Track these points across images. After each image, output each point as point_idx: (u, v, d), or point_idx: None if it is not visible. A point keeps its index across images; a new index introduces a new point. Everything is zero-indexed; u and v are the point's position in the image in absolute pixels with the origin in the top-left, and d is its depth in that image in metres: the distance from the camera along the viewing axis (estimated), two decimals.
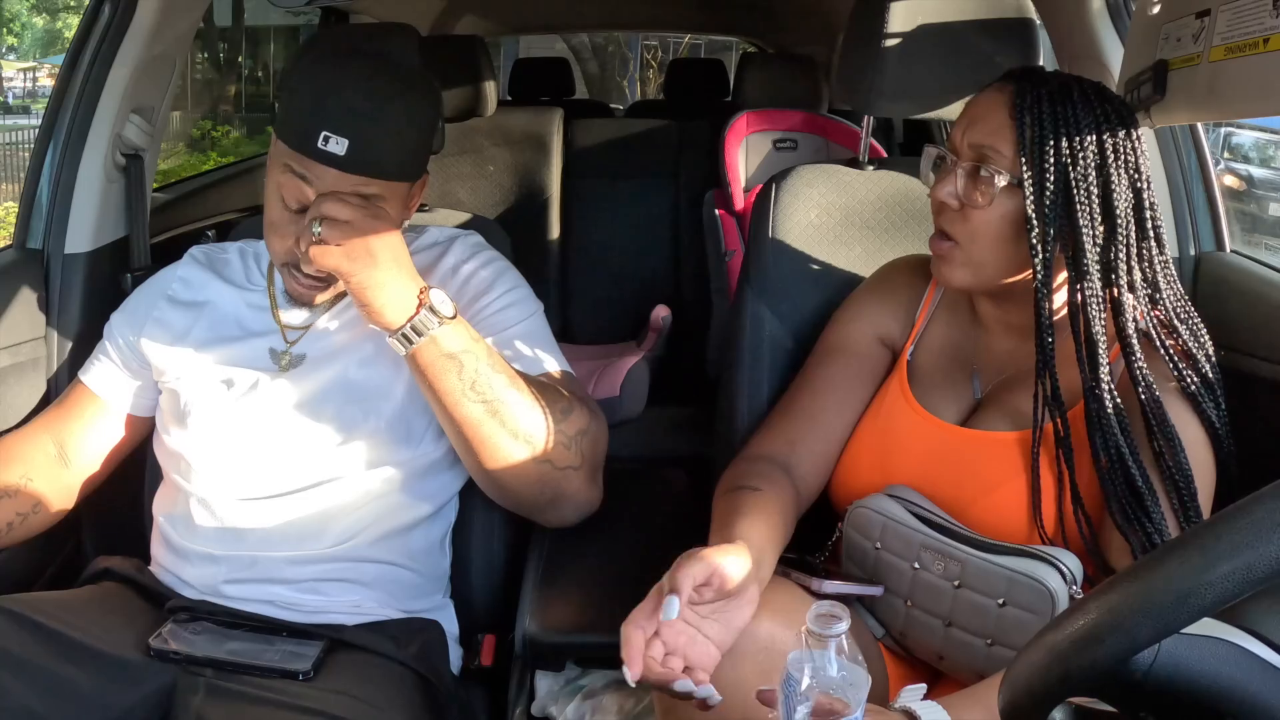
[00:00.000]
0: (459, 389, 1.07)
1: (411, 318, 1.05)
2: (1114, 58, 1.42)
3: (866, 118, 1.47)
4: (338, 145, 1.08)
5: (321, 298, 1.21)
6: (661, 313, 2.38)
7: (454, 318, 1.07)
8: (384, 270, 1.04)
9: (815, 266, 1.34)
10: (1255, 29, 0.99)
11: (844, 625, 0.71)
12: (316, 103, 1.09)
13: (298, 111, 1.10)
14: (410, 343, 1.06)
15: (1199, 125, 1.45)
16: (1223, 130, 7.29)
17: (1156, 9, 1.18)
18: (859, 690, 0.71)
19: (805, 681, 0.72)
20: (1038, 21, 1.36)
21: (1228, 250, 1.44)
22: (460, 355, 1.06)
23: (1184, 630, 0.51)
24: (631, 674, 0.83)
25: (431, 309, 1.05)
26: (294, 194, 1.11)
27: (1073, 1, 1.46)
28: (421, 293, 1.06)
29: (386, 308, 1.05)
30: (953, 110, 1.34)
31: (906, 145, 3.22)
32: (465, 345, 1.07)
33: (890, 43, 1.30)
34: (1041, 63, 1.34)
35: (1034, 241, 0.98)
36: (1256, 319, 1.23)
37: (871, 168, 1.41)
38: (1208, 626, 0.52)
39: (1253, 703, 0.51)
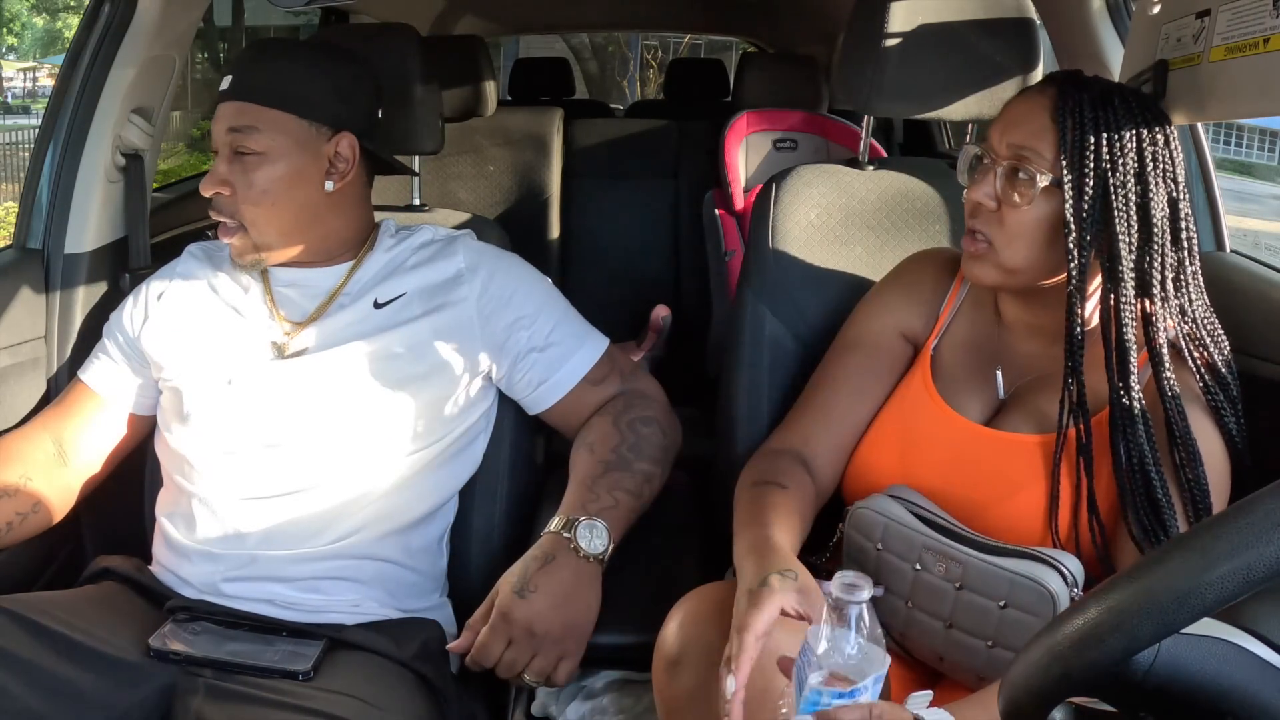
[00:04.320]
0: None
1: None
2: (1114, 58, 1.42)
3: (866, 118, 1.46)
4: (226, 82, 1.20)
5: (249, 255, 1.22)
6: (661, 313, 2.38)
7: (606, 549, 1.12)
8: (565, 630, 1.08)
9: (815, 266, 1.34)
10: (1255, 29, 0.99)
11: (865, 594, 0.72)
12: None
13: None
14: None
15: (1199, 125, 1.45)
16: None
17: (1156, 9, 1.18)
18: (874, 667, 0.72)
19: (820, 648, 0.72)
20: (1038, 21, 1.36)
21: (1228, 250, 1.44)
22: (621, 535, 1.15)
23: (1184, 630, 0.51)
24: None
25: (583, 554, 1.10)
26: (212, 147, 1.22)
27: (1073, 1, 1.46)
28: (572, 546, 1.10)
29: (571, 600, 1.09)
30: (953, 110, 1.34)
31: (906, 145, 3.22)
32: (619, 527, 1.15)
33: (890, 43, 1.30)
34: (1042, 63, 1.34)
35: (1070, 246, 0.98)
36: (1256, 319, 1.23)
37: (871, 168, 1.41)
38: (1208, 626, 0.52)
39: (1253, 703, 0.51)
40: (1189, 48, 1.10)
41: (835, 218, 1.36)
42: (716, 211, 2.45)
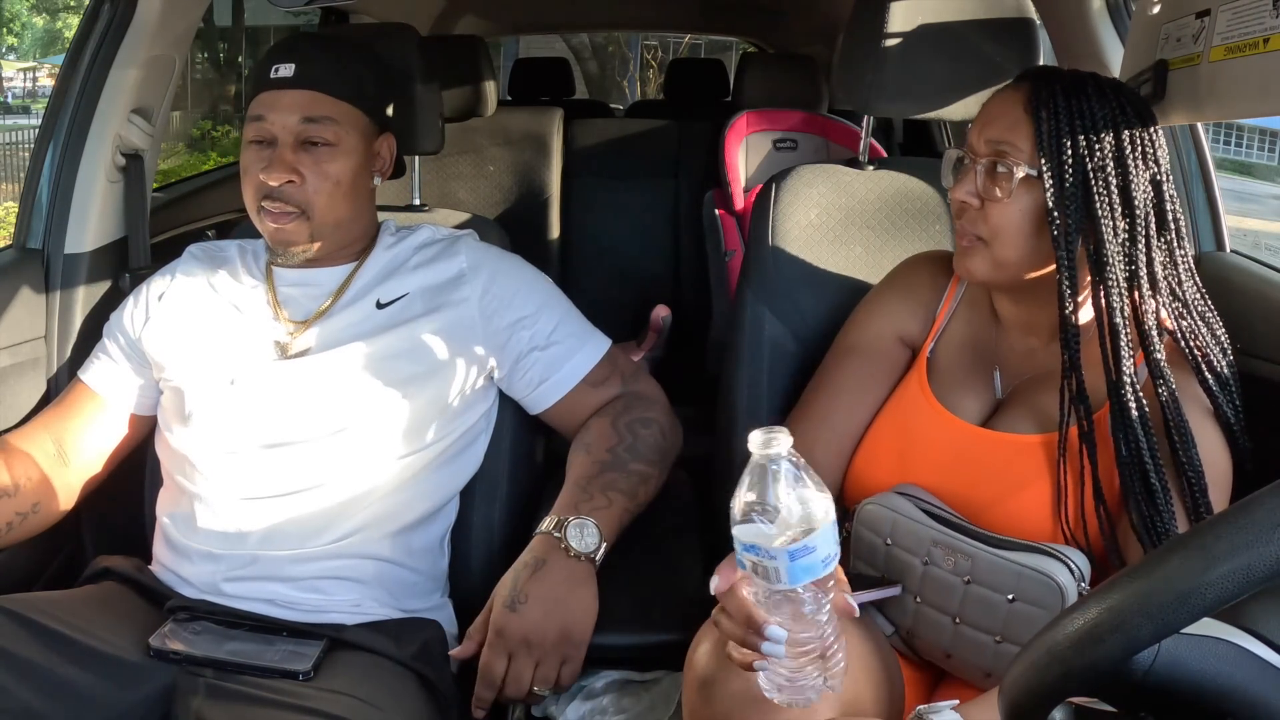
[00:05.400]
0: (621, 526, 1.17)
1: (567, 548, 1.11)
2: (1114, 58, 1.42)
3: (866, 118, 1.46)
4: (286, 70, 1.19)
5: (301, 245, 1.22)
6: (661, 313, 2.38)
7: (598, 547, 1.12)
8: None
9: (815, 266, 1.34)
10: (1255, 29, 0.99)
11: (781, 446, 0.70)
12: (268, 52, 1.21)
13: (256, 68, 1.21)
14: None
15: (1199, 125, 1.45)
16: None
17: (1156, 9, 1.18)
18: (785, 529, 0.69)
19: (740, 503, 0.70)
20: (1038, 21, 1.36)
21: (1228, 250, 1.44)
22: (614, 535, 1.15)
23: (1184, 630, 0.51)
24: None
25: (574, 553, 1.10)
26: (254, 133, 1.20)
27: (1073, 1, 1.46)
28: (563, 548, 1.10)
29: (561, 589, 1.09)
30: (953, 110, 1.34)
31: (906, 145, 3.22)
32: (611, 527, 1.15)
33: (890, 43, 1.30)
34: (1041, 63, 1.34)
35: (1056, 234, 0.98)
36: (1256, 319, 1.23)
37: (871, 168, 1.41)
38: (1208, 626, 0.52)
39: (1253, 703, 0.51)
40: (1189, 48, 1.10)
41: (835, 218, 1.36)
42: (716, 211, 2.45)
